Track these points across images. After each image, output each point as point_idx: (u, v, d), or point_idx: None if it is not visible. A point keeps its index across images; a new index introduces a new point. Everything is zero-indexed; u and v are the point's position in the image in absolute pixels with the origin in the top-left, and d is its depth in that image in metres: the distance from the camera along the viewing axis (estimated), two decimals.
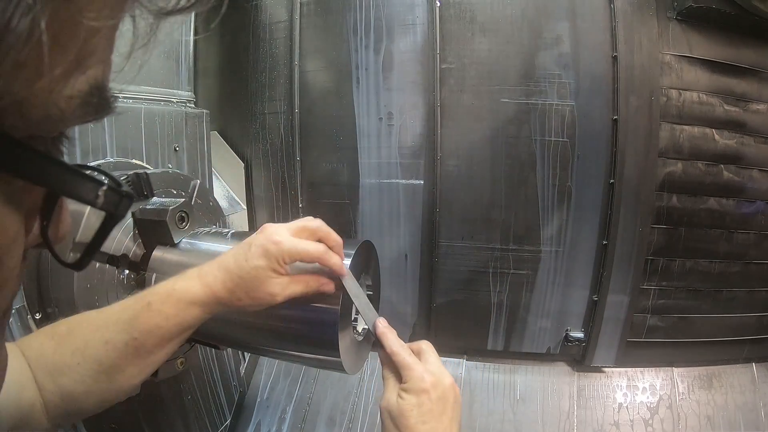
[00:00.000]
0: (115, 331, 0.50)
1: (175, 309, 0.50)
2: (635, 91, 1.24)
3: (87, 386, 0.49)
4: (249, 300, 0.52)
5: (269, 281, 0.51)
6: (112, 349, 0.49)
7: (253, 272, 0.51)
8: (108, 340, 0.49)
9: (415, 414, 0.49)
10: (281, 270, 0.52)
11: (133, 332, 0.49)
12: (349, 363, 0.62)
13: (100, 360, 0.49)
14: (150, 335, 0.50)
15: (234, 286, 0.51)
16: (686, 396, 1.35)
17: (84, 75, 0.20)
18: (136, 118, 0.94)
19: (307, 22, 1.38)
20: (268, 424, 1.34)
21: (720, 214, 1.32)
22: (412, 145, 1.32)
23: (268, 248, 0.51)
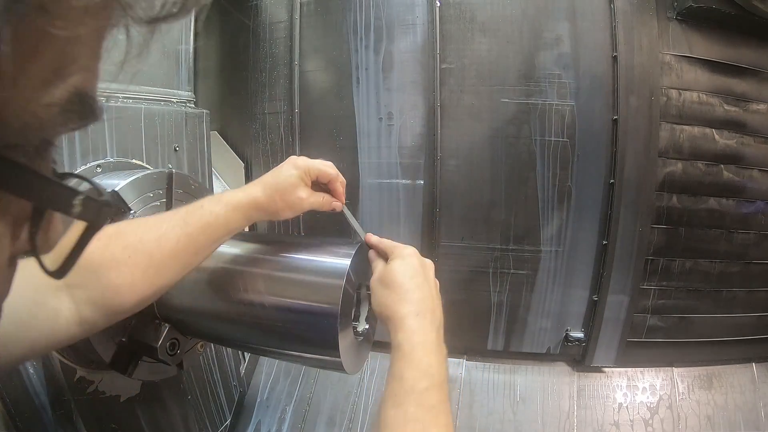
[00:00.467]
0: (169, 227, 0.55)
1: (224, 210, 0.58)
2: (635, 91, 1.24)
3: (133, 281, 0.52)
4: (283, 203, 0.62)
5: (298, 188, 0.63)
6: (165, 243, 0.54)
7: (287, 179, 0.62)
8: (162, 235, 0.54)
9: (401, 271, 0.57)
10: (307, 180, 0.64)
11: (186, 227, 0.56)
12: (349, 363, 0.62)
13: (151, 253, 0.53)
14: (200, 232, 0.57)
15: (271, 191, 0.61)
16: (686, 396, 1.35)
17: (64, 83, 0.19)
18: (136, 118, 0.94)
19: (307, 22, 1.38)
20: (268, 424, 1.34)
21: (720, 214, 1.32)
22: (412, 145, 1.32)
23: (297, 163, 0.63)
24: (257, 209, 0.61)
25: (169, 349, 0.73)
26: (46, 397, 0.71)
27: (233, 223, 0.60)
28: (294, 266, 0.65)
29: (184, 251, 0.56)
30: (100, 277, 0.50)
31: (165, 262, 0.54)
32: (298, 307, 0.60)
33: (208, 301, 0.67)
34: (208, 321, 0.69)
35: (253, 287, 0.64)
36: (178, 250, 0.55)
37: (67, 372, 0.73)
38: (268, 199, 0.61)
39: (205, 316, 0.69)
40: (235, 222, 0.60)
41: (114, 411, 0.81)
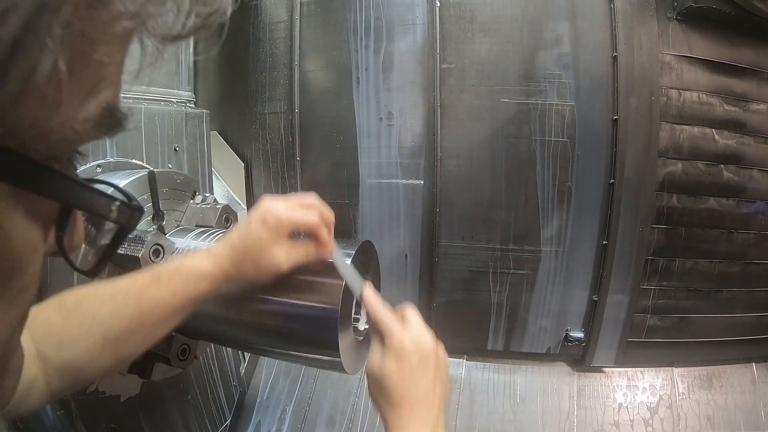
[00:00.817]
0: (123, 304, 0.51)
1: (184, 284, 0.53)
2: (635, 91, 1.24)
3: (92, 356, 0.51)
4: (255, 272, 0.54)
5: (272, 250, 0.54)
6: (119, 322, 0.51)
7: (257, 244, 0.54)
8: (115, 312, 0.51)
9: (395, 377, 0.51)
10: (282, 238, 0.54)
11: (141, 306, 0.51)
12: (349, 363, 0.62)
13: (106, 332, 0.51)
14: (157, 309, 0.52)
15: (240, 260, 0.54)
16: (686, 396, 1.35)
17: (96, 99, 0.21)
18: (136, 118, 0.94)
19: (307, 22, 1.38)
20: (268, 424, 1.34)
21: (720, 214, 1.32)
22: (412, 145, 1.32)
23: (266, 219, 0.54)
24: (226, 279, 0.54)
25: (181, 355, 0.76)
26: None
27: (197, 295, 0.54)
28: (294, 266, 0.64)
29: (140, 329, 0.52)
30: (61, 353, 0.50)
31: (122, 337, 0.52)
32: (298, 306, 0.60)
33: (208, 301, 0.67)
34: (208, 321, 0.69)
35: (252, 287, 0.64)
36: (132, 328, 0.51)
37: None
38: (237, 269, 0.54)
39: (205, 316, 0.69)
40: (199, 294, 0.54)
41: (114, 411, 0.81)
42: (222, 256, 0.54)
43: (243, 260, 0.54)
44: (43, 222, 0.23)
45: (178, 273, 0.53)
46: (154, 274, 0.53)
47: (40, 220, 0.23)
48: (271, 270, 0.54)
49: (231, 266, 0.54)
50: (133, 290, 0.52)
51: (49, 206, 0.23)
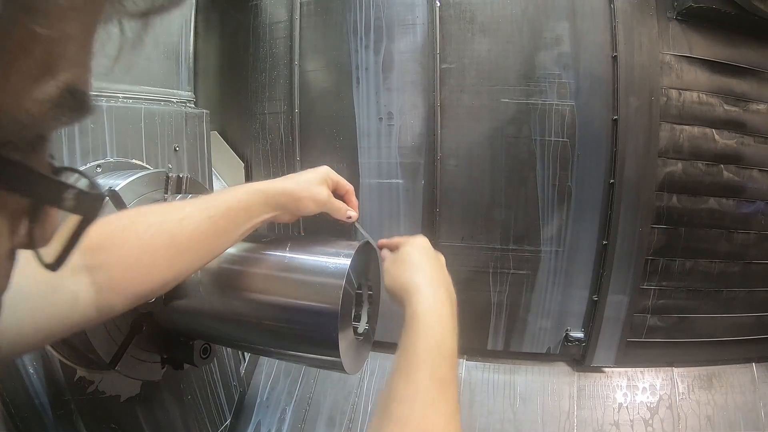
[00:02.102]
0: (192, 210, 0.55)
1: (247, 195, 0.59)
2: (635, 91, 1.24)
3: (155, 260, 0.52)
4: (308, 194, 0.63)
5: (321, 187, 0.65)
6: (188, 225, 0.54)
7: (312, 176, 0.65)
8: (185, 216, 0.54)
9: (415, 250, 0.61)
10: (329, 185, 0.66)
11: (209, 211, 0.56)
12: (349, 363, 0.62)
13: (174, 234, 0.53)
14: (222, 216, 0.56)
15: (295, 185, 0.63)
16: (686, 396, 1.35)
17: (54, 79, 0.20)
18: (136, 118, 0.94)
19: (307, 22, 1.38)
20: (268, 424, 1.34)
21: (720, 214, 1.32)
22: (412, 145, 1.32)
23: (317, 169, 0.66)
24: (282, 194, 0.62)
25: (203, 354, 0.81)
26: (46, 397, 0.71)
27: (255, 207, 0.60)
28: (294, 266, 0.64)
29: (206, 235, 0.55)
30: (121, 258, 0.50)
31: (186, 244, 0.54)
32: (298, 307, 0.60)
33: (208, 301, 0.67)
34: (208, 321, 0.69)
35: (253, 287, 0.64)
36: (200, 232, 0.54)
37: (67, 372, 0.73)
38: (294, 189, 0.63)
39: (205, 316, 0.69)
40: (256, 207, 0.60)
41: (114, 411, 0.81)
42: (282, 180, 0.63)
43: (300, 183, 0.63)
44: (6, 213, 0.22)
45: (243, 187, 0.60)
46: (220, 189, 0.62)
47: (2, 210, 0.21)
48: (318, 200, 0.64)
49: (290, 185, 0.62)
50: (202, 199, 0.57)
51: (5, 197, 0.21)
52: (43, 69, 0.19)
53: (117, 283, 0.49)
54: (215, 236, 0.56)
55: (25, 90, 0.19)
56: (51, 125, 0.21)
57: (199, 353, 0.79)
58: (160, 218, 0.53)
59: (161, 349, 0.79)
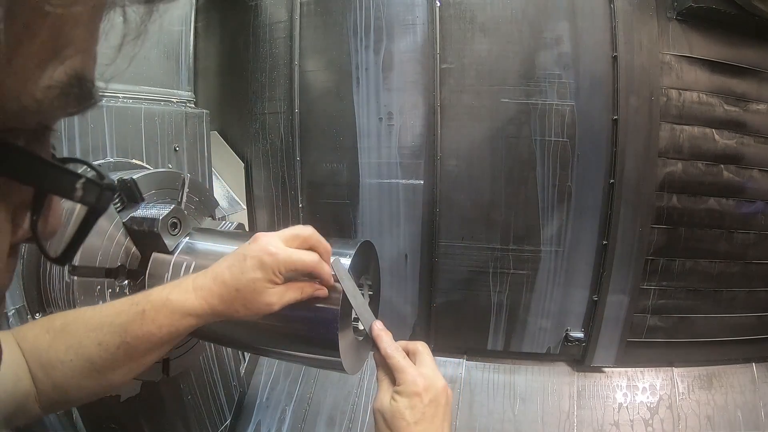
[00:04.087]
0: (108, 334, 0.51)
1: (169, 319, 0.51)
2: (635, 91, 1.24)
3: (78, 382, 0.51)
4: (246, 311, 0.53)
5: (266, 292, 0.52)
6: (105, 351, 0.50)
7: (250, 284, 0.51)
8: (101, 341, 0.50)
9: (407, 416, 0.50)
10: (277, 280, 0.53)
11: (126, 337, 0.50)
12: (349, 363, 0.62)
13: (92, 359, 0.50)
14: (142, 341, 0.51)
15: (231, 299, 0.52)
16: (686, 396, 1.35)
17: (62, 65, 0.19)
18: (136, 118, 0.94)
19: (307, 22, 1.38)
20: (268, 424, 1.34)
21: (720, 214, 1.32)
22: (412, 145, 1.32)
23: (263, 260, 0.51)
24: (213, 317, 0.53)
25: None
26: None
27: (182, 330, 0.52)
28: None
29: (125, 360, 0.51)
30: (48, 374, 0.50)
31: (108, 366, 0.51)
32: (298, 306, 0.60)
33: None
34: None
35: None
36: (117, 358, 0.50)
37: None
38: (226, 307, 0.52)
39: None
40: (185, 329, 0.52)
41: (114, 411, 0.81)
42: (211, 294, 0.52)
43: (234, 299, 0.52)
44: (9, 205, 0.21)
45: (164, 307, 0.51)
46: (139, 308, 0.51)
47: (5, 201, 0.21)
48: (262, 311, 0.53)
49: (220, 303, 0.52)
50: (118, 322, 0.51)
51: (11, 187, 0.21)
52: (51, 52, 0.19)
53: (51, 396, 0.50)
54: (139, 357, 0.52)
55: (32, 74, 0.18)
56: (57, 114, 0.21)
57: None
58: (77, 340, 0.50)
59: None
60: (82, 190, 0.22)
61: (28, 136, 0.20)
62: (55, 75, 0.19)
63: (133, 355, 0.51)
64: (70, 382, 0.50)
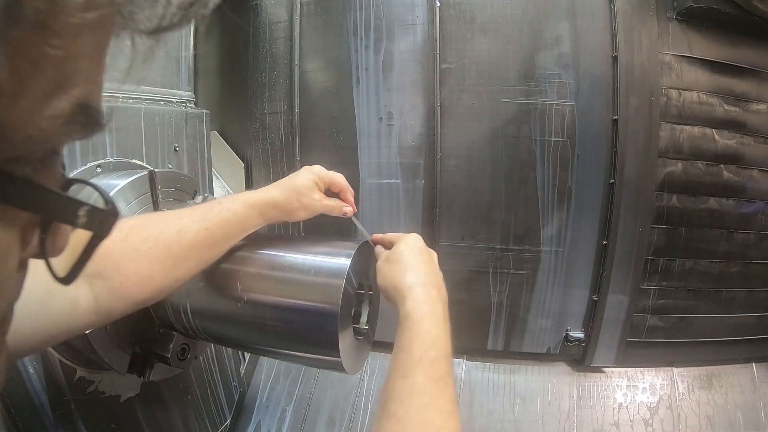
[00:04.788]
0: (189, 221, 0.57)
1: (242, 208, 0.61)
2: (635, 91, 1.24)
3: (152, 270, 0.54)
4: (298, 203, 0.64)
5: (314, 190, 0.66)
6: (185, 237, 0.56)
7: (303, 182, 0.66)
8: (182, 228, 0.56)
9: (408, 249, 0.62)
10: (321, 186, 0.67)
11: (205, 222, 0.57)
12: (349, 363, 0.62)
13: (171, 245, 0.55)
14: (218, 227, 0.59)
15: (288, 192, 0.64)
16: (686, 396, 1.35)
17: (67, 95, 0.20)
18: (136, 118, 0.94)
19: (307, 22, 1.38)
20: (268, 424, 1.34)
21: (720, 214, 1.32)
22: (412, 145, 1.32)
23: (311, 169, 0.68)
24: (274, 207, 0.63)
25: (180, 355, 0.77)
26: (46, 397, 0.71)
27: (250, 220, 0.62)
28: (294, 266, 0.64)
29: (202, 245, 0.57)
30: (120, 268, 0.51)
31: (183, 254, 0.56)
32: (298, 307, 0.60)
33: (207, 301, 0.67)
34: (207, 321, 0.69)
35: (253, 287, 0.64)
36: (196, 243, 0.56)
37: (67, 372, 0.73)
38: (285, 199, 0.64)
39: (204, 316, 0.69)
40: (251, 219, 0.62)
41: (114, 411, 0.81)
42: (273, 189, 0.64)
43: (291, 192, 0.64)
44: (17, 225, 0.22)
45: (237, 199, 0.61)
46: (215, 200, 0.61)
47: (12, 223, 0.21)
48: (311, 206, 0.65)
49: (280, 196, 0.63)
50: (198, 211, 0.59)
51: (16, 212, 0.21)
52: (56, 86, 0.19)
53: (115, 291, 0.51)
54: (210, 247, 0.59)
55: (37, 107, 0.19)
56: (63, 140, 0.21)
57: (176, 353, 0.76)
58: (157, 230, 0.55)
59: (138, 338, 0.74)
60: (86, 216, 0.23)
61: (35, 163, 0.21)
62: (60, 105, 0.19)
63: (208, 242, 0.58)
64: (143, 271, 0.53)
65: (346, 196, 0.70)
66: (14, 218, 0.21)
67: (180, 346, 0.77)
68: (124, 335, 0.72)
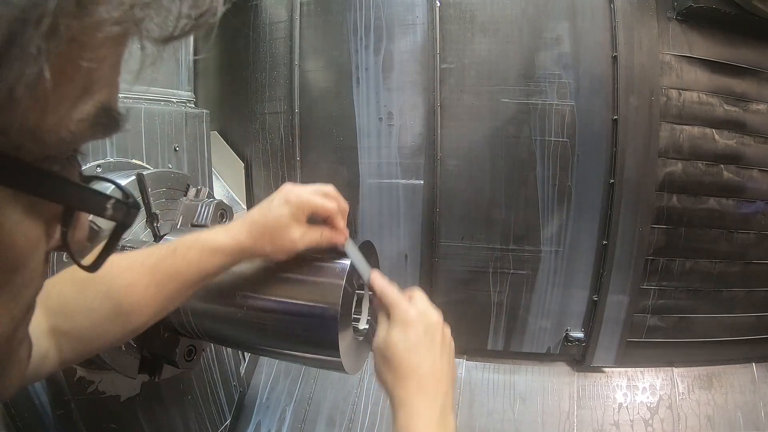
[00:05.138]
0: (138, 274, 0.52)
1: (199, 255, 0.54)
2: (635, 91, 1.24)
3: (104, 327, 0.52)
4: (272, 247, 0.56)
5: (291, 228, 0.55)
6: (134, 292, 0.52)
7: (277, 220, 0.55)
8: (131, 283, 0.52)
9: (402, 347, 0.51)
10: (301, 218, 0.56)
11: (155, 275, 0.52)
12: (349, 363, 0.62)
13: (120, 302, 0.51)
14: (172, 280, 0.53)
15: (259, 234, 0.55)
16: (686, 396, 1.35)
17: (92, 99, 0.22)
18: (136, 118, 0.94)
19: (307, 22, 1.38)
20: (268, 424, 1.34)
21: (720, 214, 1.32)
22: (412, 145, 1.32)
23: (289, 198, 0.56)
24: (242, 254, 0.56)
25: (187, 356, 0.77)
26: (46, 397, 0.71)
27: (211, 268, 0.54)
28: (294, 266, 0.64)
29: (153, 300, 0.53)
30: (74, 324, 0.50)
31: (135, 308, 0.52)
32: (298, 307, 0.60)
33: (207, 301, 0.67)
34: (207, 321, 0.69)
35: (252, 287, 0.64)
36: (147, 298, 0.52)
37: (67, 372, 0.73)
38: (254, 243, 0.55)
39: (204, 316, 0.69)
40: (214, 267, 0.55)
41: (114, 411, 0.81)
42: (240, 230, 0.55)
43: (262, 235, 0.55)
44: (44, 219, 0.24)
45: (195, 245, 0.54)
46: (170, 247, 0.54)
47: (41, 217, 0.24)
48: (287, 247, 0.56)
49: (248, 240, 0.55)
50: (149, 262, 0.53)
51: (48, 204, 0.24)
52: (84, 92, 0.21)
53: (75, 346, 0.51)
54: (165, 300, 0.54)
55: (68, 112, 0.21)
56: (86, 140, 0.24)
57: (183, 353, 0.76)
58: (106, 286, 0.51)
59: (145, 343, 0.75)
60: (113, 209, 0.25)
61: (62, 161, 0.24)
62: (86, 109, 0.22)
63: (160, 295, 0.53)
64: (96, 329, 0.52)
65: (335, 222, 0.59)
66: (43, 212, 0.24)
67: (186, 347, 0.77)
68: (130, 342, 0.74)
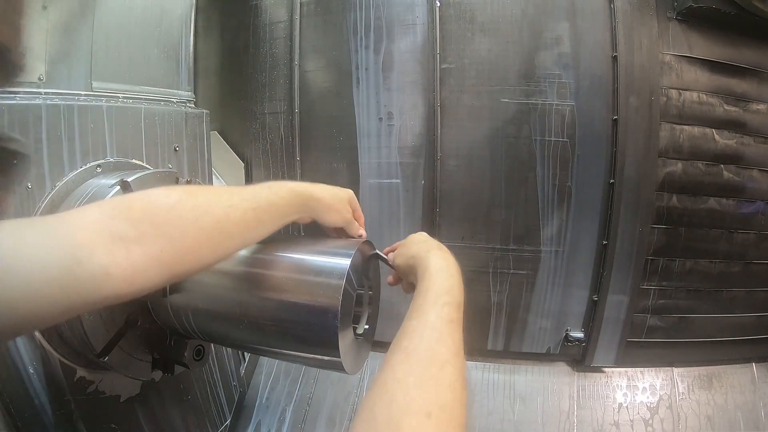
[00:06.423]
0: (238, 199, 0.57)
1: (288, 194, 0.63)
2: (635, 91, 1.24)
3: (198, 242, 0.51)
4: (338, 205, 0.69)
5: (346, 205, 0.71)
6: (233, 213, 0.55)
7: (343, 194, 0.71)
8: (232, 204, 0.55)
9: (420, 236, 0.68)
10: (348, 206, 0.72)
11: (254, 202, 0.58)
12: (349, 363, 0.62)
13: (219, 219, 0.53)
14: (265, 211, 0.60)
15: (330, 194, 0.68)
16: (686, 396, 1.35)
17: None
18: (136, 118, 0.93)
19: (307, 22, 1.38)
20: (268, 424, 1.34)
21: (720, 214, 1.32)
22: (412, 145, 1.32)
23: (345, 190, 0.72)
24: (316, 202, 0.67)
25: (196, 356, 0.80)
26: (46, 397, 0.71)
27: (293, 208, 0.64)
28: (294, 266, 0.64)
29: (249, 225, 0.57)
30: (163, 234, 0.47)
31: (230, 231, 0.54)
32: (298, 306, 0.60)
33: (208, 301, 0.67)
34: (208, 321, 0.69)
35: (253, 287, 0.64)
36: (244, 222, 0.56)
37: (67, 372, 0.73)
38: (329, 197, 0.68)
39: (205, 316, 0.69)
40: (294, 208, 0.64)
41: (114, 411, 0.81)
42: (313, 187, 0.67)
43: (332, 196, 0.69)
44: None
45: (283, 185, 0.64)
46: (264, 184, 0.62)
47: None
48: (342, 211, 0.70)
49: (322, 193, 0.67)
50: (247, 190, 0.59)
51: None
52: None
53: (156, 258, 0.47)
54: (255, 228, 0.59)
55: None
56: None
57: (192, 354, 0.78)
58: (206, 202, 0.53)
59: (154, 347, 0.78)
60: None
61: None
62: None
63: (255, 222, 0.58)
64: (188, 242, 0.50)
65: (361, 223, 0.75)
66: None
67: (195, 348, 0.79)
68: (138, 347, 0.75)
